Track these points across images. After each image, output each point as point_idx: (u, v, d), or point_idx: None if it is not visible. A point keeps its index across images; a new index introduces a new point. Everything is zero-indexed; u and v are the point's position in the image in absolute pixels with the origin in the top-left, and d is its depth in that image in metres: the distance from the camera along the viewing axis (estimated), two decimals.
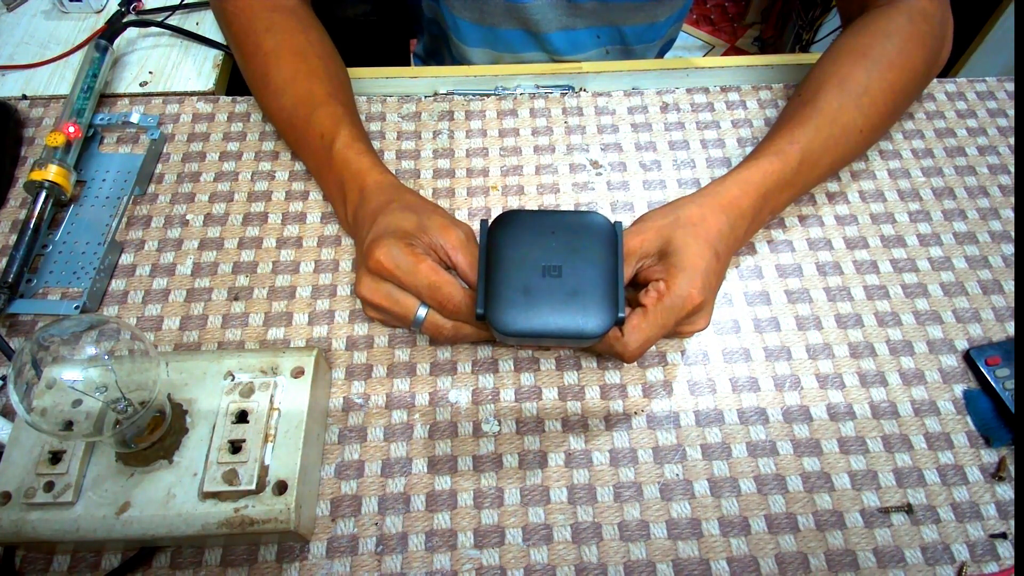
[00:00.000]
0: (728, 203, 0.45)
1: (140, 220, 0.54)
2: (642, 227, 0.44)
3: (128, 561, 0.40)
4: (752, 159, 0.48)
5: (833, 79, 0.50)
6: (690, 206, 0.45)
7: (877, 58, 0.51)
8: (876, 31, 0.52)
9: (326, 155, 0.49)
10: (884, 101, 0.51)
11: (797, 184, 0.49)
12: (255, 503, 0.37)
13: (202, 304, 0.50)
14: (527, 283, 0.39)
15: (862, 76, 0.50)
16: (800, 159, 0.48)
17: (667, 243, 0.43)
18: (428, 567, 0.41)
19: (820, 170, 0.50)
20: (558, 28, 0.68)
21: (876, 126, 0.52)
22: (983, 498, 0.43)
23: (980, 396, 0.47)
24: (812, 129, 0.49)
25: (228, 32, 0.56)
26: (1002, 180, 0.57)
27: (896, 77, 0.51)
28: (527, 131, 0.59)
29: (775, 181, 0.47)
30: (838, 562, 0.41)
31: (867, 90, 0.50)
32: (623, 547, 0.41)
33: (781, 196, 0.49)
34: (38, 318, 0.49)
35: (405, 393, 0.46)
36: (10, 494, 0.37)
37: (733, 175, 0.47)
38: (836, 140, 0.49)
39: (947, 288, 0.51)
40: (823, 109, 0.49)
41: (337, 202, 0.50)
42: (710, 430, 0.45)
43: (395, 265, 0.41)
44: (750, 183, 0.46)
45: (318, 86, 0.51)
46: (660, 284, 0.42)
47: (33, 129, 0.59)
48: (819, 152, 0.49)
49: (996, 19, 1.21)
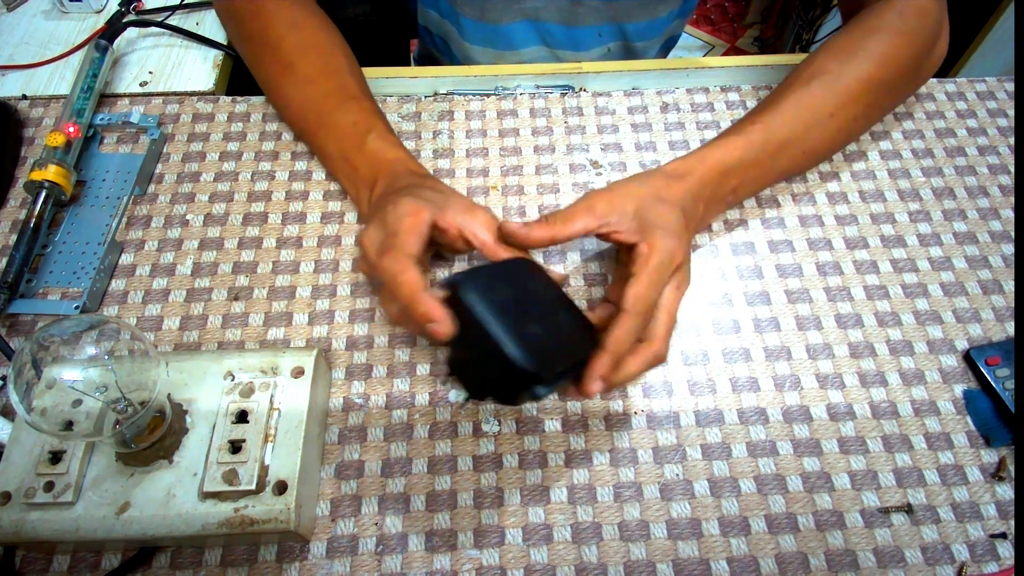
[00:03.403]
0: (687, 173, 0.46)
1: (140, 220, 0.54)
2: (606, 194, 0.45)
3: (128, 561, 0.40)
4: (714, 139, 0.49)
5: (805, 73, 0.51)
6: (655, 176, 0.46)
7: (854, 52, 0.51)
8: (864, 28, 0.52)
9: (358, 144, 0.49)
10: (861, 90, 0.51)
11: (763, 164, 0.50)
12: (255, 503, 0.37)
13: (202, 304, 0.50)
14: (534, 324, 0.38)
15: (834, 68, 0.51)
16: (764, 138, 0.49)
17: (636, 209, 0.43)
18: (428, 567, 0.41)
19: (791, 152, 0.50)
20: (559, 21, 0.68)
21: (853, 114, 0.51)
22: (983, 498, 0.43)
23: (980, 396, 0.47)
24: (776, 111, 0.49)
25: (241, 28, 0.56)
26: (1002, 180, 0.57)
27: (875, 70, 0.51)
28: (527, 131, 0.59)
29: (737, 158, 0.48)
30: (838, 562, 0.41)
31: (839, 77, 0.50)
32: (623, 547, 0.41)
33: (747, 174, 0.49)
34: (38, 318, 0.49)
35: (405, 393, 0.46)
36: (10, 494, 0.37)
37: (695, 153, 0.48)
38: (805, 122, 0.50)
39: (947, 288, 0.51)
40: (788, 96, 0.50)
41: (363, 187, 0.50)
42: (710, 430, 0.45)
43: (397, 217, 0.42)
44: (710, 158, 0.47)
45: (350, 81, 0.53)
46: (642, 246, 0.42)
47: (33, 129, 0.59)
48: (786, 133, 0.49)
49: (996, 19, 1.21)
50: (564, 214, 0.44)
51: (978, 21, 1.24)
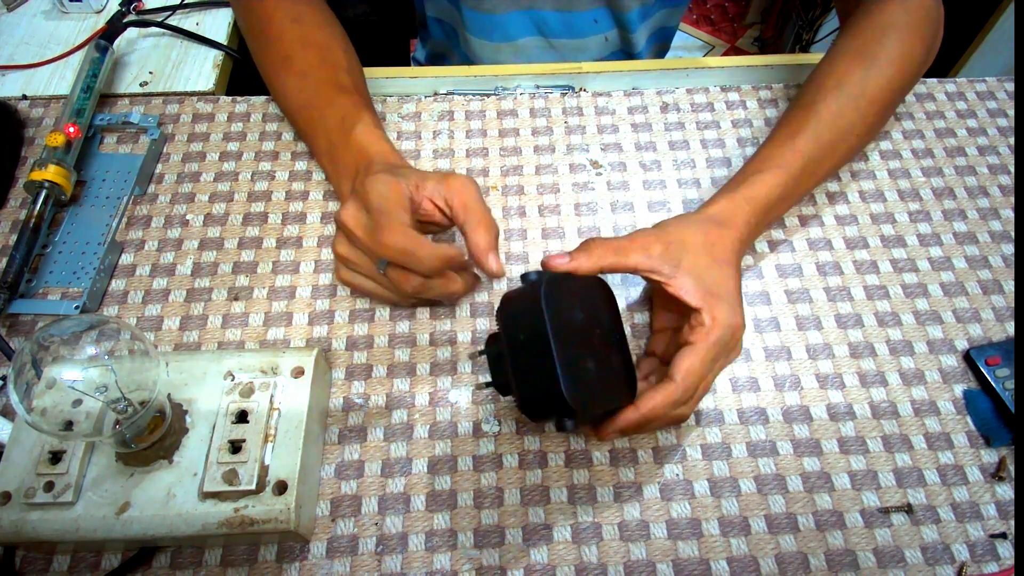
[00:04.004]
0: (733, 217, 0.45)
1: (140, 220, 0.54)
2: (661, 236, 0.43)
3: (128, 561, 0.40)
4: (756, 172, 0.47)
5: (831, 80, 0.50)
6: (704, 223, 0.44)
7: (875, 55, 0.50)
8: (874, 27, 0.52)
9: (344, 136, 0.49)
10: (882, 100, 0.50)
11: (798, 193, 0.50)
12: (255, 503, 0.37)
13: (202, 304, 0.50)
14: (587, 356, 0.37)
15: (859, 76, 0.50)
16: (802, 168, 0.48)
17: (694, 266, 0.41)
18: (428, 567, 0.41)
19: (819, 176, 0.50)
20: (553, 8, 0.69)
21: (872, 126, 0.52)
22: (983, 498, 0.43)
23: (980, 396, 0.47)
24: (812, 136, 0.48)
25: (248, 20, 0.57)
26: (1002, 180, 0.57)
27: (895, 73, 0.50)
28: (527, 131, 0.59)
29: (779, 194, 0.47)
30: (838, 562, 0.41)
31: (864, 91, 0.50)
32: (623, 547, 0.41)
33: (783, 206, 0.49)
34: (38, 318, 0.49)
35: (405, 393, 0.46)
36: (10, 494, 0.37)
37: (740, 191, 0.46)
38: (835, 145, 0.49)
39: (947, 288, 0.51)
40: (822, 114, 0.49)
41: (345, 178, 0.49)
42: (710, 430, 0.45)
43: (379, 194, 0.42)
44: (756, 200, 0.46)
45: (344, 76, 0.53)
46: (705, 317, 0.40)
47: (33, 129, 0.59)
48: (819, 159, 0.49)
49: (996, 19, 1.21)
50: (616, 245, 0.41)
51: (978, 21, 1.24)
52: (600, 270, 0.41)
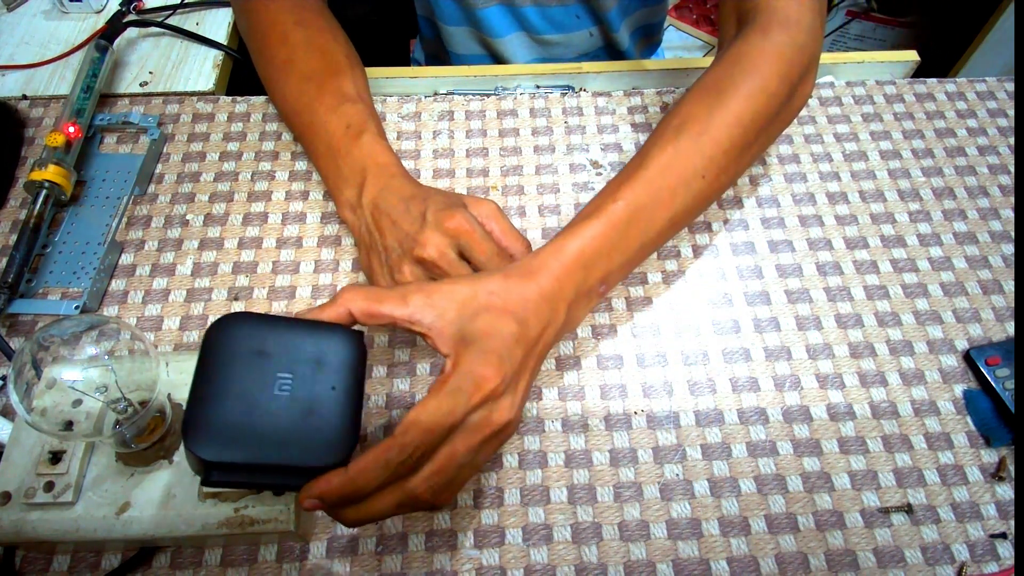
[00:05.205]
0: (537, 270, 0.39)
1: (140, 220, 0.54)
2: (429, 287, 0.38)
3: (128, 561, 0.40)
4: (581, 220, 0.42)
5: (675, 120, 0.45)
6: (493, 276, 0.39)
7: (723, 91, 0.45)
8: (728, 61, 0.47)
9: (349, 143, 0.49)
10: (730, 136, 0.44)
11: (632, 245, 0.43)
12: (255, 503, 0.37)
13: (202, 304, 0.50)
14: (250, 402, 0.33)
15: (704, 114, 0.44)
16: (628, 218, 0.42)
17: (459, 315, 0.37)
18: (428, 567, 0.41)
19: (659, 225, 0.44)
20: (531, 3, 0.69)
21: (724, 166, 0.45)
22: (983, 498, 0.43)
23: (980, 396, 0.47)
24: (641, 183, 0.43)
25: (249, 22, 0.56)
26: (1002, 180, 0.57)
27: (744, 106, 0.44)
28: (527, 131, 0.59)
29: (598, 247, 0.41)
30: (838, 562, 0.41)
31: (707, 130, 0.44)
32: (623, 547, 0.41)
33: (612, 261, 0.42)
34: (38, 318, 0.49)
35: (405, 393, 0.46)
36: (10, 494, 0.37)
37: (557, 240, 0.41)
38: (672, 191, 0.43)
39: (947, 288, 0.51)
40: (655, 159, 0.44)
41: (350, 185, 0.49)
42: (710, 430, 0.45)
43: (473, 227, 0.44)
44: (567, 251, 0.40)
45: (348, 83, 0.53)
46: (447, 362, 0.36)
47: (33, 129, 0.59)
48: (651, 207, 0.43)
49: (996, 19, 1.21)
50: (369, 292, 0.37)
51: (978, 21, 1.24)
52: (350, 318, 0.37)
